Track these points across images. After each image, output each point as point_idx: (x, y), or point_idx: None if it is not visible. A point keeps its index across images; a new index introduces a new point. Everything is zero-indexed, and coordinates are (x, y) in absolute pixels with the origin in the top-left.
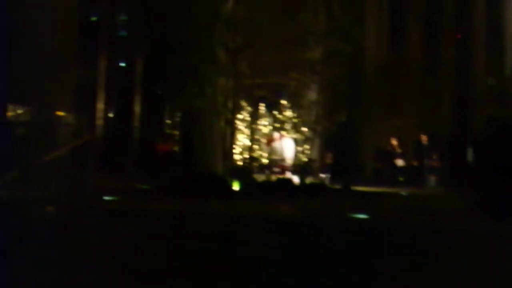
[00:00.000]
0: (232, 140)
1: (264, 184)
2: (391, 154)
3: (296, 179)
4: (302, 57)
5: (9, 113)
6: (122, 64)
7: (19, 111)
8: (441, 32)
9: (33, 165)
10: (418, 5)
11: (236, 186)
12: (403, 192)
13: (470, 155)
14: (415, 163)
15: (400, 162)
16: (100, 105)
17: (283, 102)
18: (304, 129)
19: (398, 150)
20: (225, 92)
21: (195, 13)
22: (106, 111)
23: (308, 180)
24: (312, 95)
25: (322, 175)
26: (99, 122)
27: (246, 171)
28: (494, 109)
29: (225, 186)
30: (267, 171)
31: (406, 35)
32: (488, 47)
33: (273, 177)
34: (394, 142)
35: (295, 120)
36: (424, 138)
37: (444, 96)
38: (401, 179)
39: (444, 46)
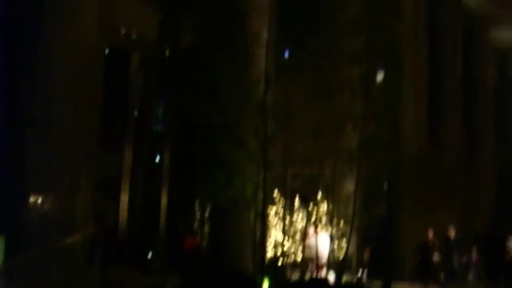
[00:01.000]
0: (263, 234)
1: (296, 284)
2: (430, 248)
3: (332, 278)
4: (339, 144)
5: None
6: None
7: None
8: (479, 127)
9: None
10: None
11: (265, 286)
12: None
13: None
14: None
15: (437, 257)
16: (125, 197)
17: (319, 194)
18: (341, 223)
19: (437, 244)
20: (256, 183)
21: (225, 96)
22: (132, 202)
23: (345, 277)
24: (349, 186)
25: (360, 273)
26: (123, 214)
27: (278, 269)
28: None
29: (253, 286)
30: (301, 269)
31: (444, 128)
32: None
33: (307, 276)
34: (433, 236)
35: (331, 215)
36: (452, 233)
37: (483, 190)
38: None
39: (483, 141)
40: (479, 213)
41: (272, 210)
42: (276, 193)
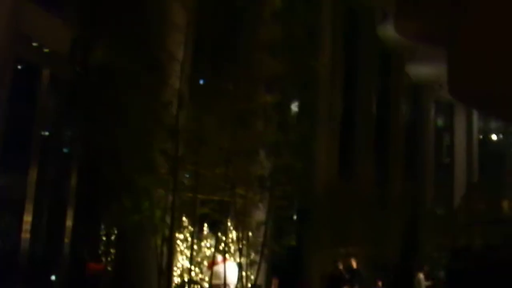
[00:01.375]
0: (170, 260)
1: None
2: (338, 280)
3: None
4: (251, 171)
5: None
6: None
7: None
8: (391, 162)
9: None
10: (368, 133)
11: None
12: None
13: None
14: None
15: None
16: (28, 218)
17: (228, 221)
18: (250, 251)
19: (345, 275)
20: (164, 207)
21: (135, 118)
22: (36, 223)
23: None
24: (260, 215)
25: None
26: (26, 235)
27: None
28: (443, 238)
29: None
30: None
31: (358, 161)
32: (437, 179)
33: None
34: (342, 267)
35: (240, 242)
36: (358, 265)
37: (394, 224)
38: None
39: (394, 175)
40: (389, 246)
41: (180, 236)
42: (184, 219)
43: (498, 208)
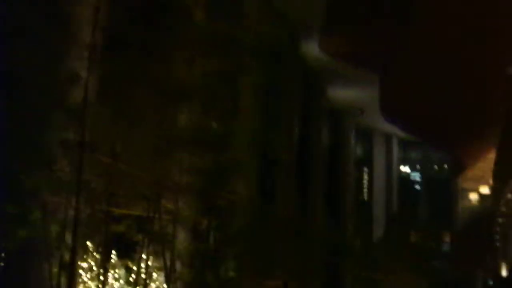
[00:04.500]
0: None
1: None
2: None
3: None
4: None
5: None
6: None
7: None
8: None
9: None
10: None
11: None
12: None
13: None
14: None
15: None
16: None
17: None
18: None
19: None
20: (63, 223)
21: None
22: None
23: None
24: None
25: None
26: None
27: None
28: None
29: None
30: None
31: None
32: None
33: None
34: None
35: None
36: None
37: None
38: None
39: (315, 207)
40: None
41: (83, 263)
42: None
43: None
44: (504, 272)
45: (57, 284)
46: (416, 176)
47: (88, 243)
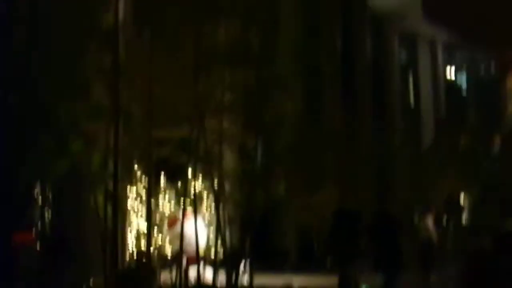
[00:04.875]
0: (116, 223)
1: None
2: None
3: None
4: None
5: None
6: None
7: None
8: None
9: None
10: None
11: None
12: None
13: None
14: None
15: None
16: None
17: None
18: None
19: None
20: (105, 150)
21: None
22: None
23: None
24: (229, 158)
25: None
26: None
27: (143, 272)
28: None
29: None
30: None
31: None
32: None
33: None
34: None
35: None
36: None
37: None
38: None
39: (362, 114)
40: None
41: (130, 190)
42: (135, 166)
43: None
44: None
45: (103, 214)
46: (463, 80)
47: (134, 169)
